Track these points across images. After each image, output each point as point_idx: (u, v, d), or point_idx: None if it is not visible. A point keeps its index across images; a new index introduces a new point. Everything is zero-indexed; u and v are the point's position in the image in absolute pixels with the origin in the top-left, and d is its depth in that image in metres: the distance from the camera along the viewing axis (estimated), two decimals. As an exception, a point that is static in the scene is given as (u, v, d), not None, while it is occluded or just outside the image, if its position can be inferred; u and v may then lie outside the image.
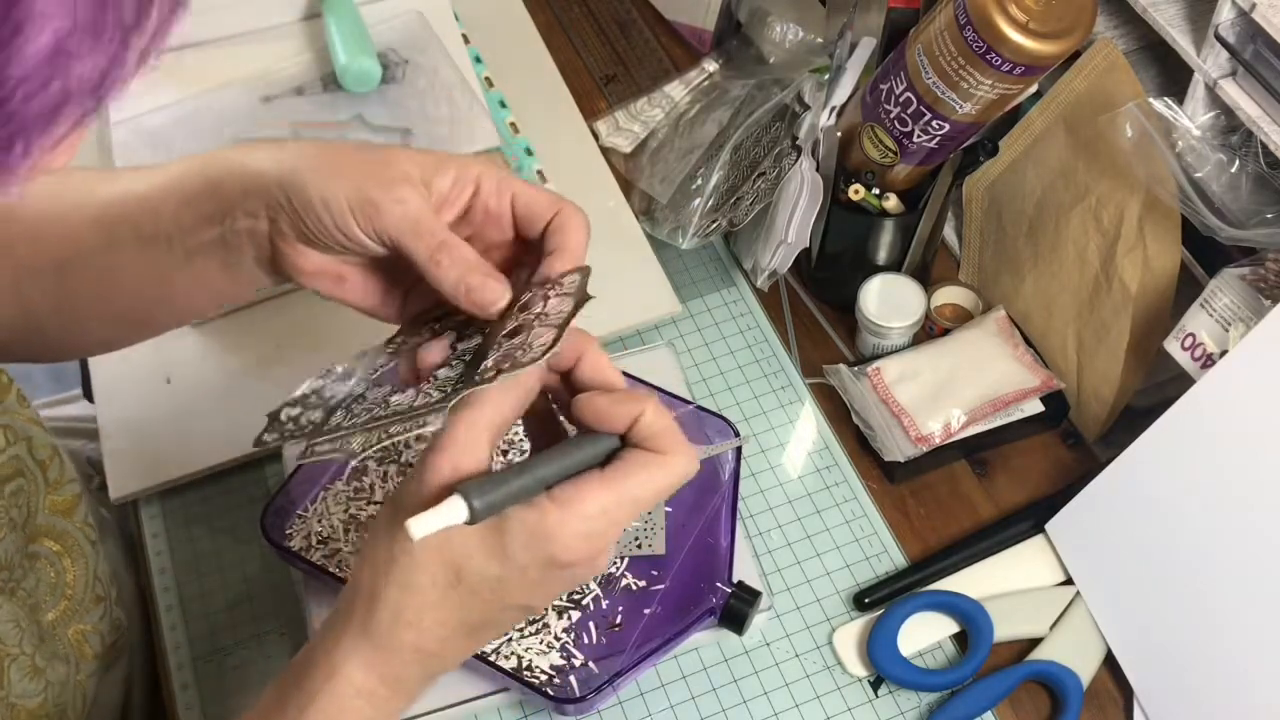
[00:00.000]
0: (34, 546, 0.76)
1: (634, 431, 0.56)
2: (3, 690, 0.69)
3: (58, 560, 0.78)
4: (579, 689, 0.77)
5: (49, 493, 0.78)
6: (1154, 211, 0.85)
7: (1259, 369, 0.73)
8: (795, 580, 0.87)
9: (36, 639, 0.72)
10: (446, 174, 0.61)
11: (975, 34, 0.79)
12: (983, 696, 0.80)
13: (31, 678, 0.71)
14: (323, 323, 0.99)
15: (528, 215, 0.63)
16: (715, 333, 1.01)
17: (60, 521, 0.79)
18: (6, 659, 0.69)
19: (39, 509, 0.77)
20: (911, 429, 0.90)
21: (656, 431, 0.56)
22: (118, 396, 0.94)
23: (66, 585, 0.78)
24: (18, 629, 0.71)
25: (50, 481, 0.79)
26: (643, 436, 0.56)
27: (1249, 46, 0.75)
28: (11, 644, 0.70)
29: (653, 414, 0.56)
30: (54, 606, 0.77)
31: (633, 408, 0.56)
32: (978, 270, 1.01)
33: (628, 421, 0.56)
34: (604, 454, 0.56)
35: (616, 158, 1.11)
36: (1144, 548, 0.80)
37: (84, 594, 0.79)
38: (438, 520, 0.51)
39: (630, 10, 1.25)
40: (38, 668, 0.71)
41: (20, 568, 0.74)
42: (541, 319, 0.58)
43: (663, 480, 0.56)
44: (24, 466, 0.76)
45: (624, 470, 0.55)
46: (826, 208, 0.93)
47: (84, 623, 0.79)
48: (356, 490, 0.85)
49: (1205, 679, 0.76)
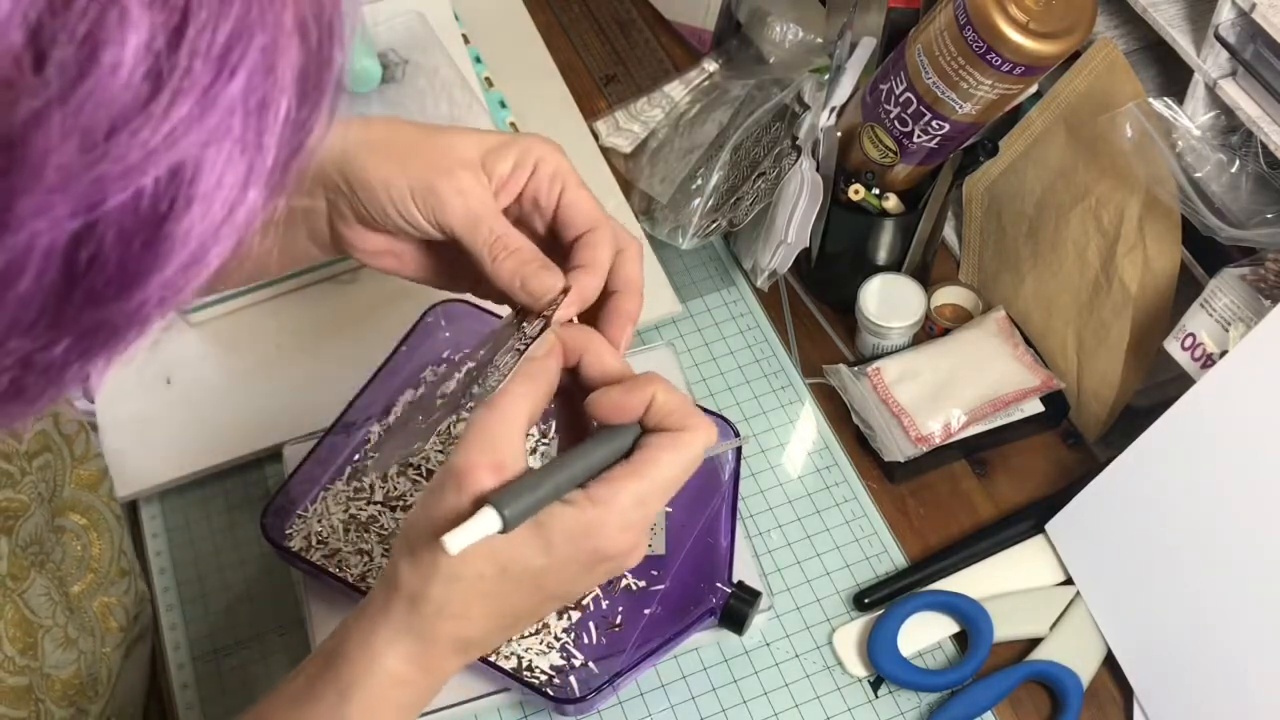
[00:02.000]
0: (60, 520, 0.76)
1: (649, 415, 0.57)
2: (38, 661, 0.69)
3: (84, 534, 0.78)
4: (579, 689, 0.77)
5: (75, 466, 0.79)
6: (1154, 211, 0.85)
7: (1259, 369, 0.73)
8: (795, 580, 0.87)
9: (67, 610, 0.73)
10: (508, 158, 0.62)
11: (975, 34, 0.79)
12: (983, 696, 0.80)
13: (65, 648, 0.71)
14: (323, 323, 0.99)
15: (564, 219, 0.63)
16: (715, 333, 1.01)
17: (86, 495, 0.79)
18: (40, 630, 0.70)
19: (65, 483, 0.78)
20: (911, 429, 0.90)
21: (671, 410, 0.57)
22: (118, 396, 0.94)
23: (92, 559, 0.78)
24: (50, 601, 0.71)
25: (76, 456, 0.79)
26: (659, 418, 0.57)
27: (1249, 46, 0.75)
28: (45, 616, 0.71)
29: (664, 394, 0.57)
30: (80, 579, 0.77)
31: (644, 393, 0.57)
32: (978, 270, 1.01)
33: (642, 408, 0.57)
34: (629, 445, 0.57)
35: (616, 158, 1.11)
36: (1144, 548, 0.80)
37: (109, 567, 0.80)
38: (472, 534, 0.52)
39: (630, 10, 1.25)
40: (70, 638, 0.72)
41: (49, 541, 0.74)
42: None
43: (688, 456, 0.57)
44: (51, 441, 0.76)
45: (650, 457, 0.56)
46: (826, 208, 0.93)
47: (109, 595, 0.79)
48: (356, 490, 0.85)
49: (1205, 679, 0.76)
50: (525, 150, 0.62)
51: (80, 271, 0.26)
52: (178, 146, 0.25)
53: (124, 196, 0.25)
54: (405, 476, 0.86)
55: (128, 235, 0.26)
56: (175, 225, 0.26)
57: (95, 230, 0.25)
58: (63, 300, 0.26)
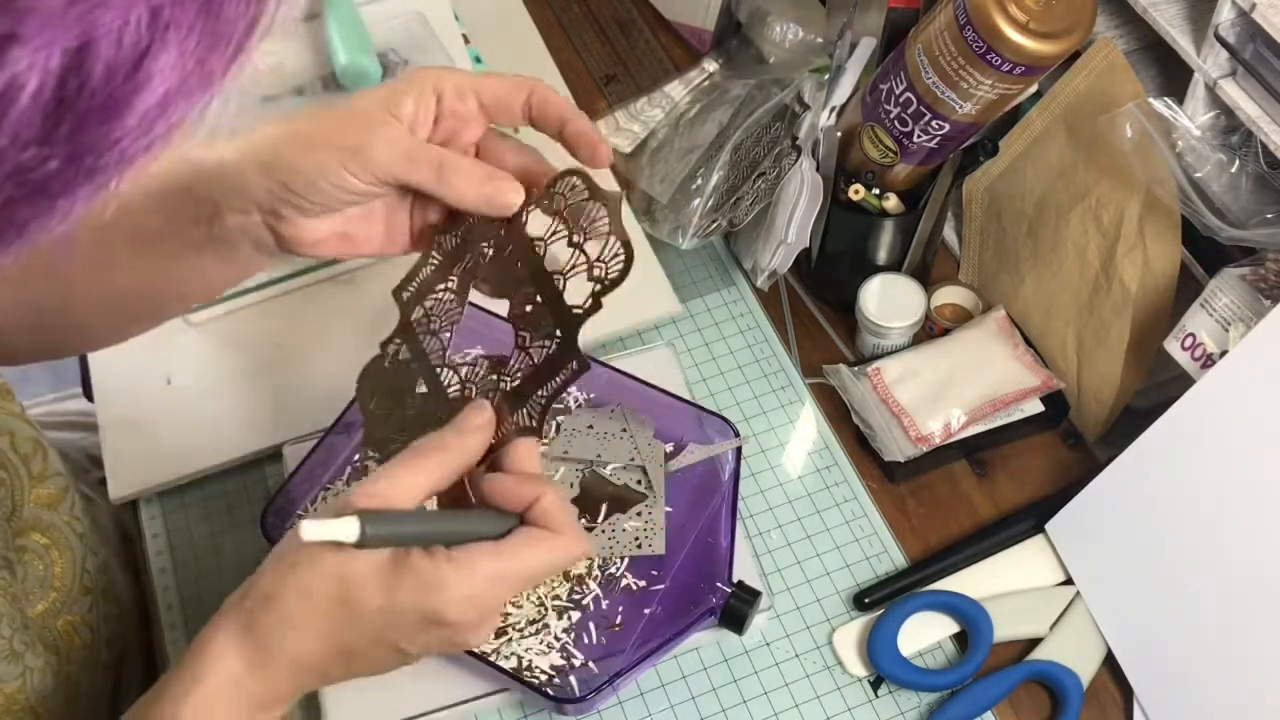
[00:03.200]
0: (21, 540, 0.77)
1: (531, 512, 0.59)
2: None
3: (46, 553, 0.79)
4: (579, 689, 0.77)
5: (34, 486, 0.79)
6: (1154, 211, 0.85)
7: (1259, 369, 0.73)
8: (795, 580, 0.87)
9: (19, 624, 0.73)
10: (407, 97, 0.63)
11: (975, 34, 0.79)
12: (983, 696, 0.80)
13: (9, 661, 0.71)
14: (323, 323, 0.99)
15: (499, 105, 0.64)
16: (715, 333, 1.01)
17: (47, 514, 0.80)
18: None
19: (24, 502, 0.78)
20: (911, 429, 0.90)
21: (553, 514, 0.58)
22: (118, 396, 0.94)
23: (55, 578, 0.79)
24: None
25: (34, 475, 0.79)
26: (538, 517, 0.58)
27: (1249, 46, 0.75)
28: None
29: (552, 499, 0.58)
30: (43, 598, 0.77)
31: (533, 489, 0.58)
32: (978, 270, 1.01)
33: (527, 502, 0.58)
34: (502, 530, 0.59)
35: (617, 158, 1.11)
36: (1144, 548, 0.80)
37: (72, 585, 0.80)
38: (327, 531, 0.52)
39: (630, 10, 1.25)
40: (15, 652, 0.72)
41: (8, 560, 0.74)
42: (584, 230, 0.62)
43: (552, 557, 0.58)
44: (6, 460, 0.77)
45: (518, 543, 0.58)
46: (826, 208, 0.93)
47: (73, 614, 0.80)
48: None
49: (1205, 679, 0.76)
50: (420, 82, 0.64)
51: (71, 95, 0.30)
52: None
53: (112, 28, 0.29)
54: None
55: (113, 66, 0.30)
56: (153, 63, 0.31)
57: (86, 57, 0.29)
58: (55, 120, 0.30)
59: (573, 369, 0.61)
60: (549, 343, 0.62)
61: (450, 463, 0.59)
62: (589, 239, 0.62)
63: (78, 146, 0.31)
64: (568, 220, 0.63)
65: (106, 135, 0.31)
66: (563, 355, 0.61)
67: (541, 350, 0.62)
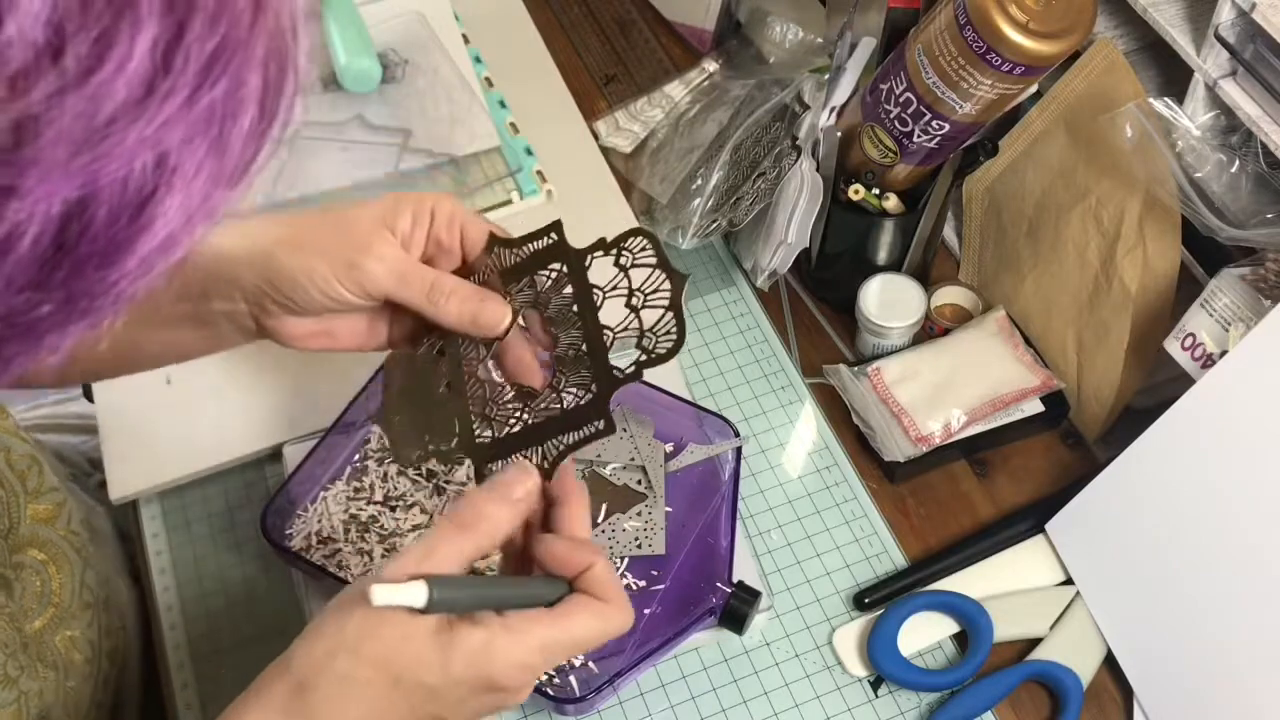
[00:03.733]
0: (19, 557, 0.77)
1: (583, 579, 0.59)
2: None
3: (44, 569, 0.78)
4: (579, 689, 0.77)
5: (30, 501, 0.79)
6: (1154, 211, 0.85)
7: (1259, 369, 0.73)
8: (795, 580, 0.87)
9: (16, 646, 0.73)
10: (405, 214, 0.65)
11: (975, 34, 0.79)
12: (983, 696, 0.80)
13: (3, 686, 0.71)
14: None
15: (474, 248, 0.68)
16: (715, 333, 1.01)
17: (44, 530, 0.79)
18: None
19: (21, 519, 0.78)
20: (911, 429, 0.90)
21: (603, 582, 0.59)
22: (118, 397, 0.94)
23: (53, 594, 0.78)
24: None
25: (30, 490, 0.79)
26: (589, 584, 0.59)
27: (1249, 46, 0.75)
28: None
29: (602, 567, 0.59)
30: (41, 614, 0.77)
31: (586, 557, 0.58)
32: (978, 270, 1.01)
33: (580, 569, 0.59)
34: (554, 595, 0.59)
35: (616, 158, 1.11)
36: (1144, 548, 0.80)
37: (71, 601, 0.80)
38: (398, 596, 0.52)
39: (630, 10, 1.25)
40: (10, 677, 0.72)
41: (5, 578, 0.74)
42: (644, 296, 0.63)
43: (604, 626, 0.58)
44: (2, 478, 0.77)
45: (569, 612, 0.58)
46: (826, 208, 0.93)
47: (72, 629, 0.79)
48: (356, 490, 0.85)
49: (1205, 679, 0.76)
50: (418, 202, 0.66)
51: (71, 241, 0.29)
52: (165, 138, 0.29)
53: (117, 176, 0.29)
54: (405, 476, 0.86)
55: (115, 212, 0.29)
56: (157, 207, 0.30)
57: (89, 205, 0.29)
58: (52, 266, 0.29)
59: (597, 428, 0.61)
60: (581, 393, 0.62)
61: (491, 533, 0.58)
62: (646, 307, 0.62)
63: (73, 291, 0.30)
64: (630, 279, 0.63)
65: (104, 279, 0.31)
66: (591, 412, 0.61)
67: (573, 398, 0.62)
